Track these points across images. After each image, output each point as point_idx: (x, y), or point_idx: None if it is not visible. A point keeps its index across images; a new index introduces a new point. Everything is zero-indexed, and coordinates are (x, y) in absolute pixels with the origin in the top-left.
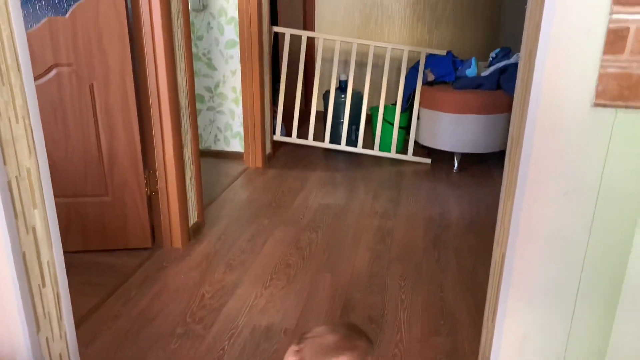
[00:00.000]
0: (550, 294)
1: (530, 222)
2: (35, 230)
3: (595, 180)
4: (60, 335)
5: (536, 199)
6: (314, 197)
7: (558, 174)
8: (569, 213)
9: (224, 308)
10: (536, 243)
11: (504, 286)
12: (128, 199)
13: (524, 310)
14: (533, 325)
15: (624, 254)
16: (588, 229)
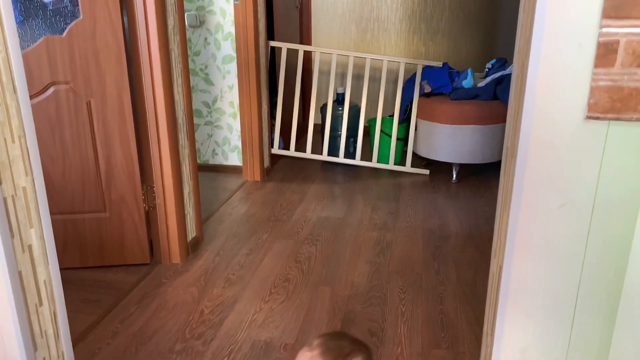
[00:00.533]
0: (549, 305)
1: (527, 234)
2: (31, 249)
3: (590, 193)
4: (58, 355)
5: (532, 212)
6: (313, 210)
7: (553, 186)
8: (565, 225)
9: (224, 323)
10: (533, 255)
11: (502, 299)
12: (126, 214)
13: (522, 322)
14: (532, 338)
15: (621, 265)
16: (584, 240)
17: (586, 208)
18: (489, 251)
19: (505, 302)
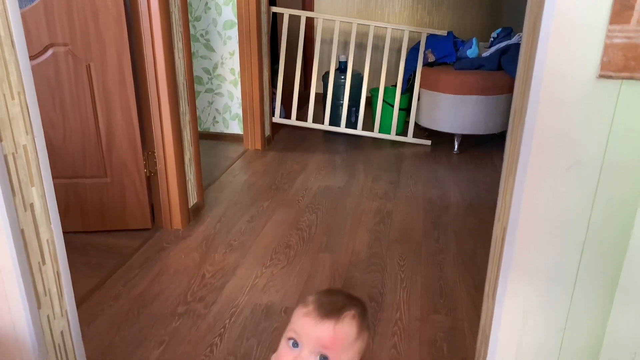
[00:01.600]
0: (552, 268)
1: (532, 197)
2: (33, 207)
3: (599, 154)
4: (62, 313)
5: (538, 174)
6: (314, 180)
7: (561, 148)
8: (572, 187)
9: (225, 287)
10: (538, 218)
11: (505, 262)
12: (127, 180)
13: (524, 285)
14: (534, 300)
15: (626, 228)
16: (590, 203)
17: (594, 170)
18: (489, 221)
19: (509, 265)
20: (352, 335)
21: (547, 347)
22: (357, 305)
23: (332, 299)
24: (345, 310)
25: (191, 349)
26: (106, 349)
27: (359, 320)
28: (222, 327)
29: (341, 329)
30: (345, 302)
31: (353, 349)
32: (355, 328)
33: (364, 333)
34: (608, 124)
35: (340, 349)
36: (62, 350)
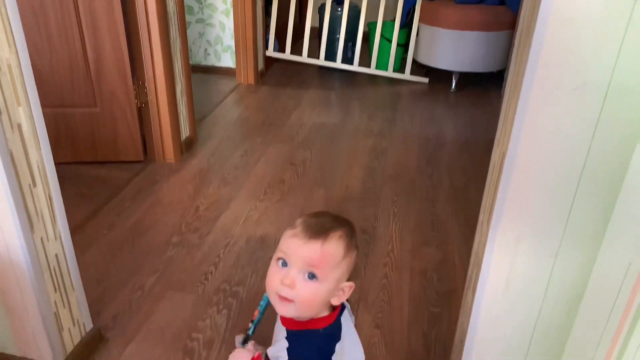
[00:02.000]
0: (549, 194)
1: (535, 119)
2: (20, 128)
3: (606, 75)
4: (55, 237)
5: (543, 95)
6: (308, 116)
7: (569, 67)
8: (576, 110)
9: (219, 220)
10: (539, 142)
11: (502, 187)
12: (117, 110)
13: (520, 211)
14: (529, 227)
15: (626, 153)
16: (593, 126)
17: (599, 93)
18: (484, 159)
19: (506, 189)
20: (339, 255)
21: (537, 272)
22: (344, 226)
23: (320, 220)
24: (332, 231)
25: (186, 277)
26: (102, 276)
27: (345, 240)
28: (216, 257)
29: (328, 248)
30: (333, 223)
31: (341, 267)
32: (342, 248)
33: (352, 252)
34: (618, 43)
35: (327, 268)
36: (57, 273)
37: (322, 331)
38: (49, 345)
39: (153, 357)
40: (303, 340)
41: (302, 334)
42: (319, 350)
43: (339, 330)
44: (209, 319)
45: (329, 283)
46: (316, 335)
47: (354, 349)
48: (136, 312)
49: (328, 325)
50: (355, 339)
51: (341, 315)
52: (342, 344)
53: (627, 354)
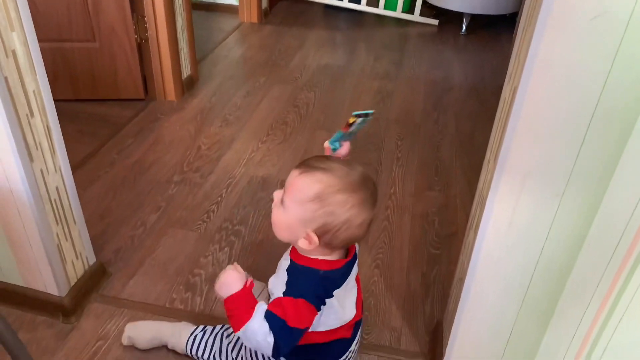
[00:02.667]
0: (559, 129)
1: (550, 52)
2: (15, 54)
3: (630, 2)
4: (55, 169)
5: (560, 25)
6: (313, 57)
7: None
8: (594, 41)
9: (221, 159)
10: (553, 76)
11: (512, 122)
12: (117, 45)
13: (528, 148)
14: (536, 165)
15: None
16: (612, 59)
17: (622, 21)
18: (491, 104)
19: (515, 125)
20: (306, 193)
21: (542, 211)
22: (337, 177)
23: (324, 158)
24: (318, 170)
25: (188, 214)
26: (103, 212)
27: (323, 188)
28: (218, 196)
29: (299, 180)
30: (328, 165)
31: (306, 209)
32: (314, 189)
33: (327, 206)
34: None
35: (292, 199)
36: (58, 206)
37: (322, 273)
38: (52, 277)
39: (155, 290)
40: (301, 277)
41: (302, 270)
42: (314, 290)
43: (342, 278)
44: (211, 256)
45: (290, 217)
46: (314, 274)
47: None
48: (138, 247)
49: (330, 270)
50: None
51: (352, 265)
52: (342, 296)
53: (626, 293)
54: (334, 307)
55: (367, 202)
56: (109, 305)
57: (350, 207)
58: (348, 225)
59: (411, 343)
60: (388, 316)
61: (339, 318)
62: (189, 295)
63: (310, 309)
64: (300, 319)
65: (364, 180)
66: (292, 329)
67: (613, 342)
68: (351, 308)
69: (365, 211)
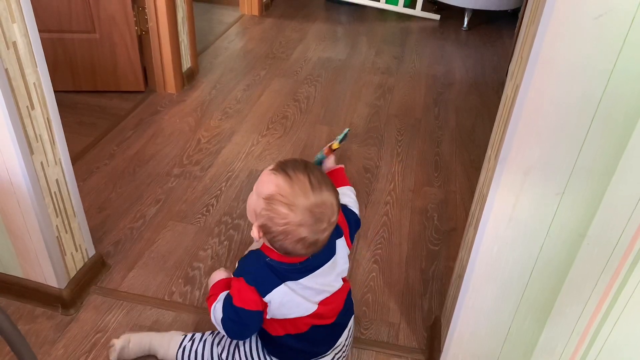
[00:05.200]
0: (562, 127)
1: (553, 50)
2: (16, 46)
3: (634, 1)
4: (55, 161)
5: (564, 23)
6: (313, 50)
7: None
8: (598, 39)
9: (221, 153)
10: (556, 73)
11: (513, 120)
12: (117, 37)
13: (530, 144)
14: (538, 160)
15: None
16: (615, 56)
17: (625, 21)
18: (492, 100)
19: (517, 122)
20: (263, 189)
21: (542, 209)
22: (288, 178)
23: (302, 166)
24: (282, 174)
25: (187, 208)
26: (103, 204)
27: (274, 193)
28: (218, 190)
29: (265, 175)
30: (296, 176)
31: (257, 201)
32: (268, 190)
33: (269, 211)
34: None
35: (256, 188)
36: (58, 198)
37: (268, 260)
38: (52, 269)
39: (154, 283)
40: (249, 258)
41: (253, 252)
42: (255, 273)
43: (298, 273)
44: (210, 249)
45: (251, 204)
46: (260, 259)
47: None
48: (138, 239)
49: (278, 261)
50: (295, 305)
51: (318, 264)
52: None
53: (625, 291)
54: (288, 295)
55: (306, 226)
56: (108, 298)
57: (286, 224)
58: (284, 237)
59: (409, 338)
60: (386, 311)
61: (298, 307)
62: (188, 288)
63: (251, 290)
64: (242, 298)
65: (316, 206)
66: (237, 308)
67: (611, 339)
68: (311, 304)
69: (303, 232)
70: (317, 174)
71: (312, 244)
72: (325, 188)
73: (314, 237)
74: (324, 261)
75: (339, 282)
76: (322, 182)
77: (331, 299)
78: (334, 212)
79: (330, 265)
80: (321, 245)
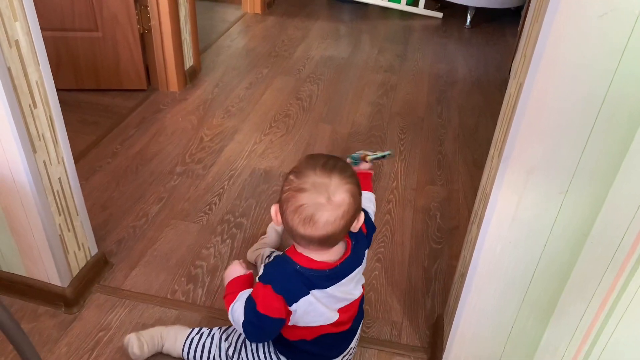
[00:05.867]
0: (565, 126)
1: (557, 49)
2: (18, 44)
3: (638, 0)
4: (58, 160)
5: (567, 21)
6: (316, 49)
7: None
8: (602, 38)
9: (224, 151)
10: (559, 72)
11: (517, 118)
12: (120, 35)
13: (533, 144)
14: (541, 160)
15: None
16: (619, 55)
17: (629, 20)
18: (495, 98)
19: (520, 121)
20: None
21: (546, 207)
22: (307, 178)
23: (332, 161)
24: (310, 158)
25: (190, 206)
26: (105, 202)
27: (299, 161)
28: (220, 188)
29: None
30: (320, 165)
31: None
32: (292, 169)
33: (287, 178)
34: None
35: None
36: (60, 197)
37: (298, 268)
38: (55, 267)
39: (157, 281)
40: (277, 265)
41: (281, 257)
42: (283, 281)
43: (327, 280)
44: (213, 248)
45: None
46: (289, 266)
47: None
48: (140, 238)
49: (308, 267)
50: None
51: (343, 273)
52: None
53: (628, 291)
54: (313, 305)
55: (305, 193)
56: (111, 296)
57: (289, 189)
58: (286, 205)
59: (411, 337)
60: (389, 310)
61: (322, 316)
62: (190, 286)
63: (278, 298)
64: (266, 305)
65: (321, 182)
66: (260, 314)
67: (614, 339)
68: (333, 312)
69: (301, 199)
70: (337, 162)
71: (308, 219)
72: (338, 174)
73: (310, 210)
74: (351, 270)
75: (359, 290)
76: (338, 169)
77: (349, 306)
78: (337, 194)
79: (355, 274)
80: (321, 229)
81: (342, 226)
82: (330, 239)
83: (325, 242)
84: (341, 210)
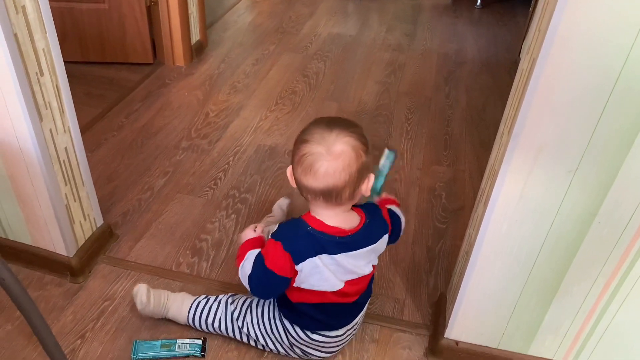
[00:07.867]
0: (577, 102)
1: (572, 22)
2: (25, 10)
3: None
4: (64, 129)
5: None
6: (324, 26)
7: None
8: (617, 14)
9: (229, 127)
10: (573, 48)
11: (528, 95)
12: (126, 7)
13: (544, 121)
14: (551, 137)
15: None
16: (636, 32)
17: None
18: (504, 80)
19: (532, 98)
20: None
21: (554, 186)
22: (314, 133)
23: (345, 123)
24: (324, 118)
25: (195, 181)
26: (111, 174)
27: (306, 129)
28: (226, 163)
29: None
30: (326, 123)
31: None
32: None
33: (293, 152)
34: None
35: None
36: (67, 166)
37: (310, 229)
38: (61, 237)
39: (162, 253)
40: (291, 224)
41: (295, 219)
42: (293, 240)
43: (336, 247)
44: (218, 222)
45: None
46: (301, 226)
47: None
48: (146, 210)
49: (318, 230)
50: (324, 278)
51: (354, 245)
52: (318, 268)
53: (633, 272)
54: (318, 268)
55: (308, 144)
56: (116, 267)
57: (296, 141)
58: (294, 155)
59: (414, 314)
60: (392, 287)
61: (326, 281)
62: (195, 259)
63: (286, 256)
64: (274, 261)
65: (322, 135)
66: (267, 269)
67: (617, 319)
68: (338, 281)
69: (304, 149)
70: (343, 120)
71: (309, 168)
72: (339, 127)
73: (310, 159)
74: (363, 245)
75: (369, 268)
76: (340, 123)
77: (358, 280)
78: (336, 145)
79: (367, 252)
80: (321, 179)
81: (344, 180)
82: (332, 192)
83: (329, 196)
84: (340, 161)
